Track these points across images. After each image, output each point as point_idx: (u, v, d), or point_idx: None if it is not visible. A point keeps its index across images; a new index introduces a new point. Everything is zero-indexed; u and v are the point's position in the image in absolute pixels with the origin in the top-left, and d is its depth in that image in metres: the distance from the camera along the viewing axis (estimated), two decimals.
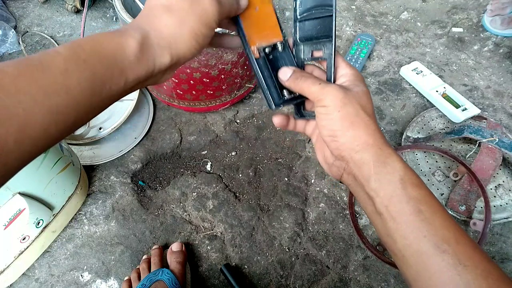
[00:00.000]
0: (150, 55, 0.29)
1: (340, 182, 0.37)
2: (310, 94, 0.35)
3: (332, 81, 0.37)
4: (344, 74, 0.37)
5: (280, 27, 0.39)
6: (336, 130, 0.33)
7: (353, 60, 0.93)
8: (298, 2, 0.39)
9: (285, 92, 0.39)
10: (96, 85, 0.26)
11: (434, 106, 0.87)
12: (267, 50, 0.38)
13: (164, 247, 0.72)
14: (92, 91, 0.26)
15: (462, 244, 0.28)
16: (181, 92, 0.81)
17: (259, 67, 0.38)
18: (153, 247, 0.70)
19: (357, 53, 0.94)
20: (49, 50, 0.26)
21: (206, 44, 0.33)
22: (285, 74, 0.37)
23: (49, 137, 0.25)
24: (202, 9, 0.31)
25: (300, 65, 0.40)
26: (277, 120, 0.40)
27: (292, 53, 0.40)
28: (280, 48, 0.39)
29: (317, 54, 0.39)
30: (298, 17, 0.39)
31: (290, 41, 0.40)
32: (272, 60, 0.39)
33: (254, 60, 0.38)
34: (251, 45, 0.37)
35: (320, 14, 0.37)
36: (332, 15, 0.37)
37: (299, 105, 0.41)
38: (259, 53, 0.38)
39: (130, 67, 0.28)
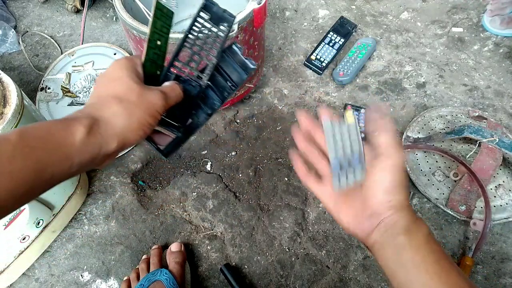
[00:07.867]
0: (97, 141, 0.31)
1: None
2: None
3: None
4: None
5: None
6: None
7: (350, 61, 0.94)
8: None
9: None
10: (40, 170, 0.28)
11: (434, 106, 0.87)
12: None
13: (164, 247, 0.72)
14: (35, 175, 0.28)
15: None
16: None
17: None
18: (153, 247, 0.70)
19: (355, 55, 0.95)
20: (0, 136, 0.28)
21: (150, 132, 0.36)
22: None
23: None
24: (149, 101, 0.34)
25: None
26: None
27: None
28: None
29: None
30: None
31: None
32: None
33: None
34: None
35: None
36: None
37: None
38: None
39: (76, 153, 0.30)
